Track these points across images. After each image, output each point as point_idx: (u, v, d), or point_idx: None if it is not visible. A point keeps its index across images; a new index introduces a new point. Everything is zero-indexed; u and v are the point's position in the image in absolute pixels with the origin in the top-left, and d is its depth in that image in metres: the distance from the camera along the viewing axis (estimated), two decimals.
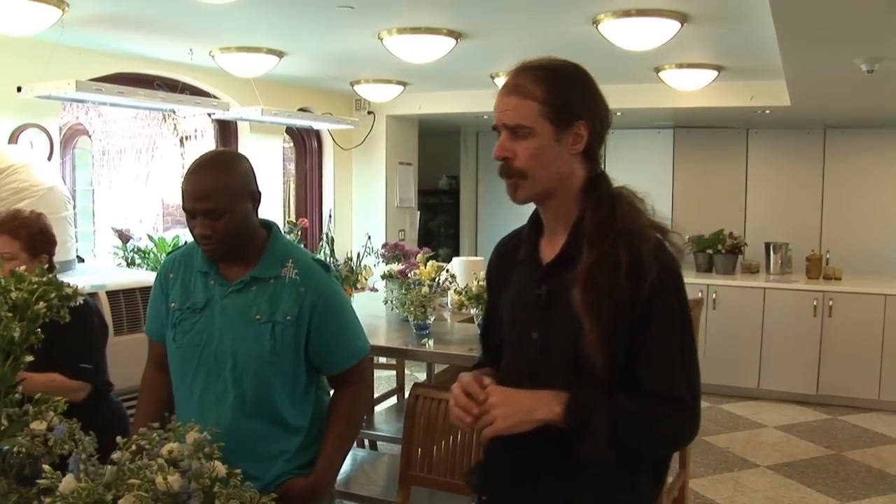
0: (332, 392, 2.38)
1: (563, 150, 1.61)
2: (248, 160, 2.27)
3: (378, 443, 4.66)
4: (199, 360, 2.21)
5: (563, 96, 1.60)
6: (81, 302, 1.50)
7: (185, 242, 2.57)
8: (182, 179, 2.16)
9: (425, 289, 3.93)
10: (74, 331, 2.65)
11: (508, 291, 1.76)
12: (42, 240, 2.78)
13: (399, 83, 6.57)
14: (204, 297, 2.22)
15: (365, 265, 6.04)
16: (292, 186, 7.73)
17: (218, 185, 2.11)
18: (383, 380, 5.85)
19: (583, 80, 1.65)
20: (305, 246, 6.32)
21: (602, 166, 1.71)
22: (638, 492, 1.66)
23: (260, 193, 2.24)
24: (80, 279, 3.42)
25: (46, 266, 2.76)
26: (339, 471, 2.35)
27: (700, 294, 6.58)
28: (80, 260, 4.67)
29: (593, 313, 1.53)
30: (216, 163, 2.21)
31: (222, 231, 2.12)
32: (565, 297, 1.58)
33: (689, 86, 5.76)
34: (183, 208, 2.17)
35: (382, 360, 4.95)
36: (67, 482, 1.33)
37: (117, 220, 7.34)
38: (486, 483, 1.80)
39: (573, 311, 1.55)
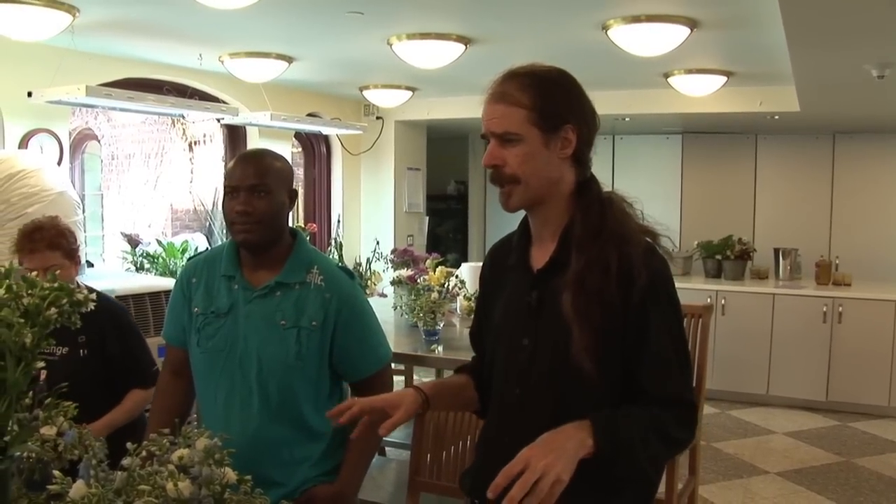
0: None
1: (552, 155, 1.61)
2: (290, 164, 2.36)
3: (386, 448, 4.66)
4: (224, 365, 2.21)
5: (549, 101, 1.59)
6: (93, 302, 1.49)
7: (197, 249, 2.60)
8: (227, 168, 2.23)
9: (434, 294, 3.93)
10: (130, 340, 2.80)
11: (501, 297, 1.76)
12: (73, 241, 2.77)
13: (408, 88, 6.58)
14: (228, 301, 2.23)
15: (374, 270, 6.04)
16: (301, 191, 7.75)
17: (264, 166, 2.20)
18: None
19: (568, 84, 1.65)
20: None
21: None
22: (631, 493, 1.65)
23: (296, 194, 2.30)
24: (89, 284, 3.42)
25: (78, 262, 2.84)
26: (363, 478, 2.34)
27: (709, 300, 6.56)
28: (90, 265, 4.69)
29: (583, 319, 1.53)
30: (263, 152, 2.30)
31: (262, 211, 2.15)
32: (555, 303, 1.58)
33: (698, 91, 5.75)
34: (227, 187, 2.20)
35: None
36: (78, 488, 1.34)
37: (126, 225, 7.38)
38: (479, 486, 1.80)
39: (563, 318, 1.55)
